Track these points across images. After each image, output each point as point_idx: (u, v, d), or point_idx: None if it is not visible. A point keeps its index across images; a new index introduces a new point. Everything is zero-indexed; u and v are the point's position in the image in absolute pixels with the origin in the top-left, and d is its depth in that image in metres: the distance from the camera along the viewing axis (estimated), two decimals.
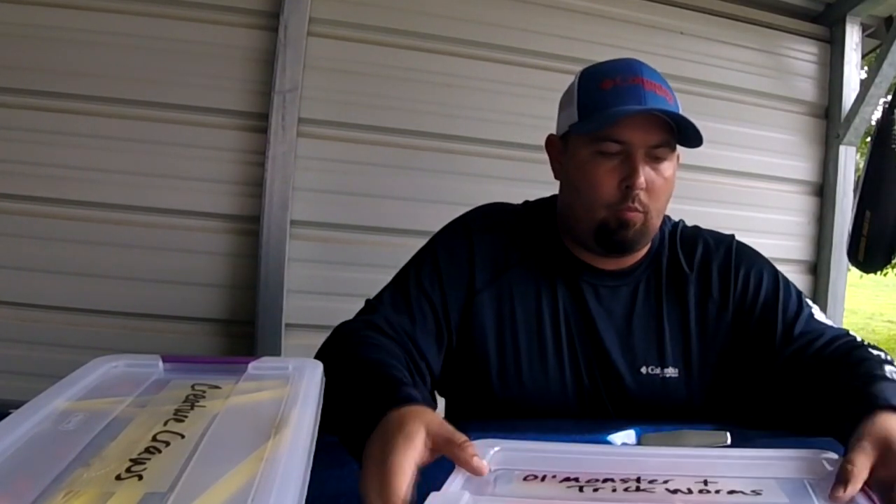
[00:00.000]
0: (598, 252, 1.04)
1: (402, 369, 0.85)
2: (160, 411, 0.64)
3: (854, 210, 1.64)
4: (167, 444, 0.58)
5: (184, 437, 0.59)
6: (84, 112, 1.82)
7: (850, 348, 0.94)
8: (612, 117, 0.95)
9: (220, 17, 1.88)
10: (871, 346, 0.94)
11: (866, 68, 2.41)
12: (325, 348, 0.93)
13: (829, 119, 2.26)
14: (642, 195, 0.97)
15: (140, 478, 0.52)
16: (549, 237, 1.08)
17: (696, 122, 0.95)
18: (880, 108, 2.00)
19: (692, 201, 1.94)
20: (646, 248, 1.06)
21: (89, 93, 1.82)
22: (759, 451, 0.70)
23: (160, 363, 0.77)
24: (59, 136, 1.81)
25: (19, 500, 0.49)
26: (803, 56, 2.26)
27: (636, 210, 0.98)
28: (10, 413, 0.61)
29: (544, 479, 0.65)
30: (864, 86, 2.18)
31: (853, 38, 2.23)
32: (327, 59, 1.93)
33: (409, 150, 1.98)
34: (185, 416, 0.63)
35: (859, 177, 1.66)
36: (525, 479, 0.66)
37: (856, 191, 1.74)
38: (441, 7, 1.99)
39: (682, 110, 1.00)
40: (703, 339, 1.04)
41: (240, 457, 0.55)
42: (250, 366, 0.76)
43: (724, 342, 1.04)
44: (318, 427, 0.63)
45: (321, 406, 0.68)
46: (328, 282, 1.94)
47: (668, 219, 1.11)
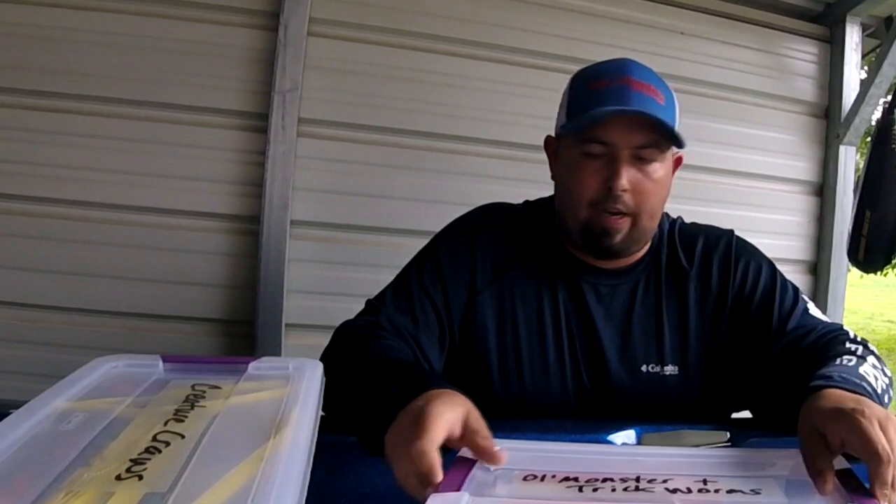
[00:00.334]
0: (592, 255, 1.04)
1: (423, 363, 0.85)
2: (160, 411, 0.65)
3: (854, 210, 1.64)
4: (167, 444, 0.58)
5: (184, 437, 0.59)
6: (84, 112, 1.82)
7: (829, 340, 0.95)
8: (591, 119, 0.96)
9: (220, 17, 1.87)
10: (856, 340, 0.94)
11: (866, 68, 2.41)
12: (332, 348, 0.93)
13: (829, 119, 2.26)
14: (626, 197, 0.97)
15: (140, 478, 0.52)
16: (549, 237, 1.08)
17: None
18: (880, 108, 1.99)
19: (692, 201, 1.93)
20: (645, 247, 1.06)
21: (89, 93, 1.81)
22: (759, 451, 0.70)
23: (160, 363, 0.78)
24: (59, 136, 1.81)
25: (19, 500, 0.49)
26: (803, 56, 2.25)
27: (619, 213, 0.98)
28: (10, 413, 0.61)
29: (544, 478, 0.65)
30: (864, 86, 2.18)
31: (853, 38, 2.23)
32: (327, 59, 1.93)
33: (409, 150, 1.98)
34: (186, 416, 0.63)
35: (859, 177, 1.65)
36: (525, 478, 0.66)
37: (856, 191, 1.74)
38: (441, 7, 1.99)
39: (679, 109, 1.00)
40: (703, 337, 1.04)
41: (240, 457, 0.55)
42: (250, 366, 0.76)
43: (722, 338, 1.04)
44: (318, 427, 0.63)
45: (323, 406, 0.68)
46: (328, 282, 1.94)
47: (666, 216, 1.11)
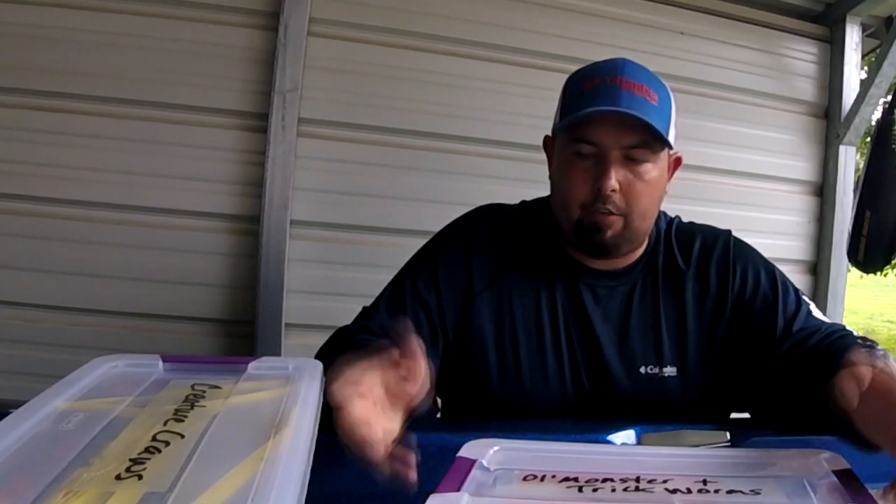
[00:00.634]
0: (585, 253, 1.04)
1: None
2: (160, 411, 0.65)
3: (854, 210, 1.64)
4: (167, 443, 0.58)
5: (184, 436, 0.59)
6: (84, 112, 1.82)
7: (838, 339, 0.95)
8: (579, 119, 0.96)
9: (220, 17, 1.88)
10: (865, 339, 0.94)
11: (866, 68, 2.41)
12: (322, 352, 0.94)
13: (829, 119, 2.26)
14: (616, 197, 0.97)
15: (140, 478, 0.52)
16: (547, 238, 1.07)
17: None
18: (880, 108, 1.99)
19: (692, 201, 1.93)
20: (641, 247, 1.06)
21: (89, 93, 1.82)
22: (759, 451, 0.70)
23: (160, 363, 0.78)
24: (59, 136, 1.81)
25: (19, 500, 0.49)
26: (803, 56, 2.25)
27: (609, 213, 0.97)
28: (10, 413, 0.61)
29: (544, 479, 0.65)
30: (864, 86, 2.18)
31: (853, 38, 2.23)
32: (327, 59, 1.93)
33: (409, 150, 1.98)
34: (185, 416, 0.63)
35: (859, 177, 1.65)
36: (524, 479, 0.66)
37: (856, 191, 1.73)
38: (441, 7, 1.99)
39: (675, 110, 1.00)
40: (701, 337, 1.03)
41: (240, 457, 0.55)
42: (250, 366, 0.76)
43: (721, 339, 1.03)
44: (318, 427, 0.63)
45: (321, 406, 0.68)
46: (328, 282, 1.94)
47: (663, 216, 1.11)
